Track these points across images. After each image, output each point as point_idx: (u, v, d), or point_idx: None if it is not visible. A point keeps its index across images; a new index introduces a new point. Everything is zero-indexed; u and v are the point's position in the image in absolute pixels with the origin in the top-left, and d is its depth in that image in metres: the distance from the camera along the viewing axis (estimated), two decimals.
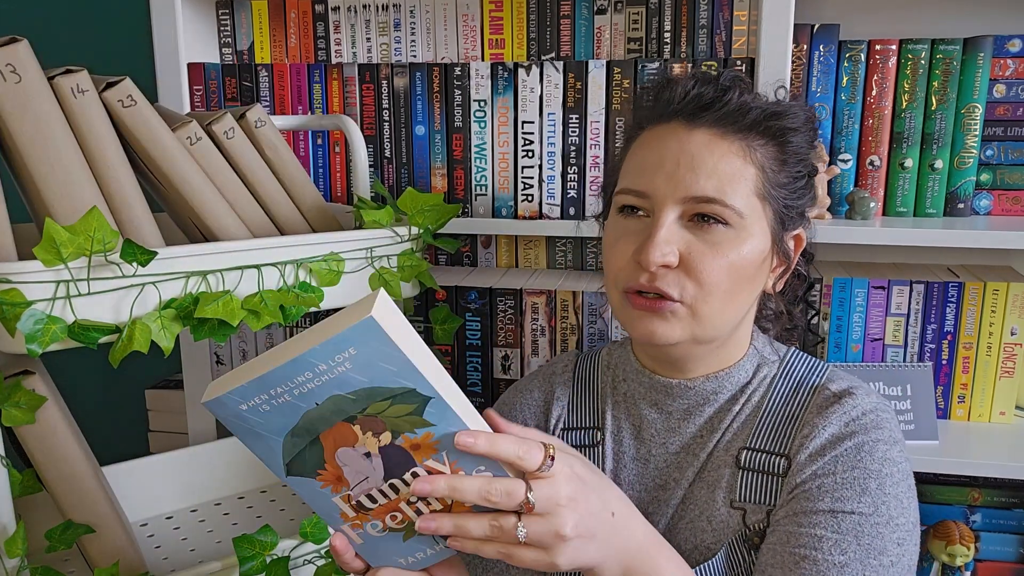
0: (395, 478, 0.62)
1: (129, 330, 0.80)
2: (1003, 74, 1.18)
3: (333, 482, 0.62)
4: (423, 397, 0.58)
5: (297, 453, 0.61)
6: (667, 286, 0.74)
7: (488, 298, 1.25)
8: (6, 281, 0.74)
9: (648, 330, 0.75)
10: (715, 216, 0.73)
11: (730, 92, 0.76)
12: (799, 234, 0.81)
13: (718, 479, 0.79)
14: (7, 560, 0.82)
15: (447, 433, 0.60)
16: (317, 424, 0.59)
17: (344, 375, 0.56)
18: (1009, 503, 1.23)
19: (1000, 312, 1.17)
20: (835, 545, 0.70)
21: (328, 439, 0.60)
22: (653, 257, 0.72)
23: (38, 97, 0.79)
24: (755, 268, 0.76)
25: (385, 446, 0.60)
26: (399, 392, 0.57)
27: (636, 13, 1.24)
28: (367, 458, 0.61)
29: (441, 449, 0.60)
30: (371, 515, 0.64)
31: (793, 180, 0.78)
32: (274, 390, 0.57)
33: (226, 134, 0.93)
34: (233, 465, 1.22)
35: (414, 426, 0.59)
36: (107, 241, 0.76)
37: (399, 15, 1.31)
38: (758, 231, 0.75)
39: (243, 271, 0.87)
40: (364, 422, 0.59)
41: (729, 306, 0.75)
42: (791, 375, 0.82)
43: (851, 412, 0.76)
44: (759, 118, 0.75)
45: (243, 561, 0.89)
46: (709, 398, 0.82)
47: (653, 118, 0.79)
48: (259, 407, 0.58)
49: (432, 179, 1.30)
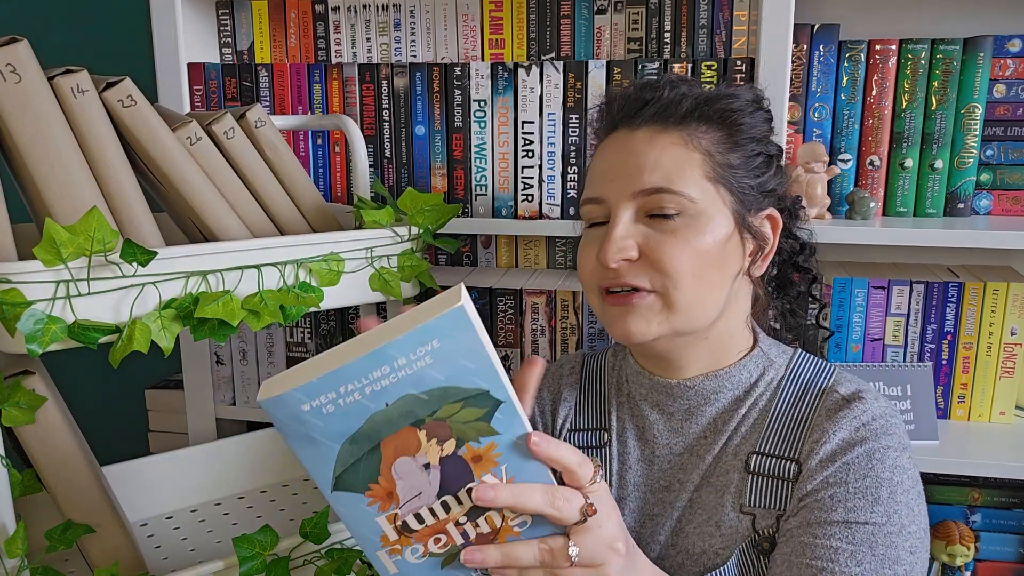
0: (449, 494, 0.60)
1: (129, 330, 0.80)
2: (1003, 74, 1.18)
3: (383, 498, 0.59)
4: (494, 401, 0.57)
5: (352, 463, 0.58)
6: (633, 278, 0.75)
7: (488, 298, 1.25)
8: (6, 281, 0.74)
9: (623, 329, 0.76)
10: (666, 206, 0.74)
11: (663, 88, 0.78)
12: (771, 214, 0.81)
13: (727, 484, 0.79)
14: (7, 560, 0.82)
15: (511, 443, 0.58)
16: (382, 429, 0.57)
17: (421, 371, 0.54)
18: (1009, 503, 1.23)
19: (1000, 312, 1.17)
20: (851, 557, 0.70)
21: (389, 447, 0.57)
22: (610, 253, 0.74)
23: (38, 97, 0.79)
24: (720, 250, 0.76)
25: (446, 456, 0.58)
26: (473, 394, 0.56)
27: (636, 13, 1.24)
28: (425, 470, 0.59)
29: (502, 462, 0.59)
30: (414, 538, 0.61)
31: (746, 159, 0.78)
32: (344, 387, 0.54)
33: (226, 134, 0.93)
34: (233, 465, 1.22)
35: (480, 433, 0.58)
36: (107, 241, 0.76)
37: (399, 15, 1.31)
38: (716, 213, 0.76)
39: (243, 271, 0.87)
40: (431, 427, 0.57)
41: (703, 291, 0.76)
42: (798, 377, 0.82)
43: (861, 417, 0.76)
44: (692, 106, 0.77)
45: (243, 561, 0.89)
46: (710, 397, 0.81)
47: (602, 133, 0.83)
48: (323, 407, 0.55)
49: (432, 179, 1.30)
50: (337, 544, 0.96)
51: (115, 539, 0.92)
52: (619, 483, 0.85)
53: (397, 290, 1.00)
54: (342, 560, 0.95)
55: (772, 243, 0.82)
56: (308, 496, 1.21)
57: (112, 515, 0.92)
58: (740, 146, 0.78)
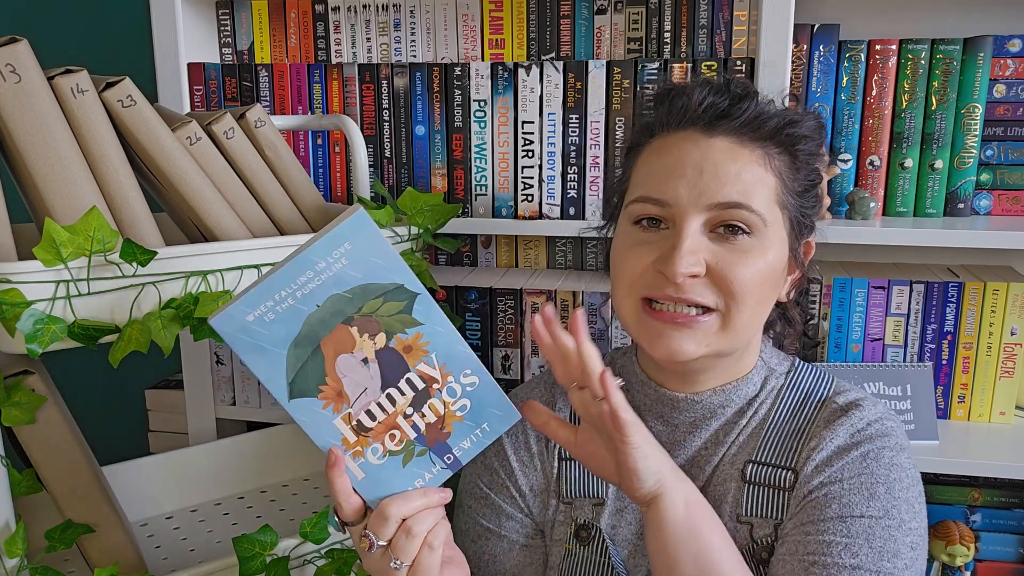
0: (392, 386, 0.68)
1: (129, 330, 0.80)
2: (1003, 74, 1.18)
3: (334, 399, 0.67)
4: (410, 293, 0.66)
5: (300, 367, 0.65)
6: (699, 295, 0.71)
7: (488, 298, 1.25)
8: (6, 281, 0.74)
9: (670, 348, 0.73)
10: (741, 222, 0.72)
11: (745, 101, 0.75)
12: (809, 241, 0.81)
13: (724, 493, 0.79)
14: (7, 560, 0.82)
15: (435, 331, 0.67)
16: (318, 329, 0.65)
17: (341, 271, 0.64)
18: (1009, 503, 1.23)
19: (1000, 312, 1.17)
20: (845, 549, 0.70)
21: (328, 346, 0.66)
22: (680, 267, 0.70)
23: (38, 97, 0.78)
24: (777, 276, 0.75)
25: (380, 349, 0.67)
26: (390, 288, 0.65)
27: (636, 13, 1.24)
28: (365, 365, 0.67)
29: (431, 350, 0.68)
30: (371, 436, 0.69)
31: (806, 189, 0.77)
32: (279, 294, 0.63)
33: (226, 134, 0.93)
34: (233, 465, 1.22)
35: (405, 325, 0.67)
36: (107, 241, 0.76)
37: (399, 15, 1.31)
38: (777, 240, 0.74)
39: (243, 271, 0.87)
40: (361, 323, 0.66)
41: (756, 315, 0.75)
42: (798, 387, 0.82)
43: (857, 424, 0.76)
44: (778, 126, 0.74)
45: (243, 561, 0.89)
46: (716, 411, 0.80)
47: (668, 125, 0.77)
48: (264, 316, 0.63)
49: (432, 179, 1.30)
50: (337, 544, 0.96)
51: (115, 539, 0.92)
52: (618, 494, 0.83)
53: None
54: (342, 560, 0.95)
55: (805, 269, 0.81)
56: (308, 496, 1.21)
57: (112, 515, 0.92)
58: (801, 173, 0.77)
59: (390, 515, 0.68)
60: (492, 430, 0.72)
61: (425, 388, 0.69)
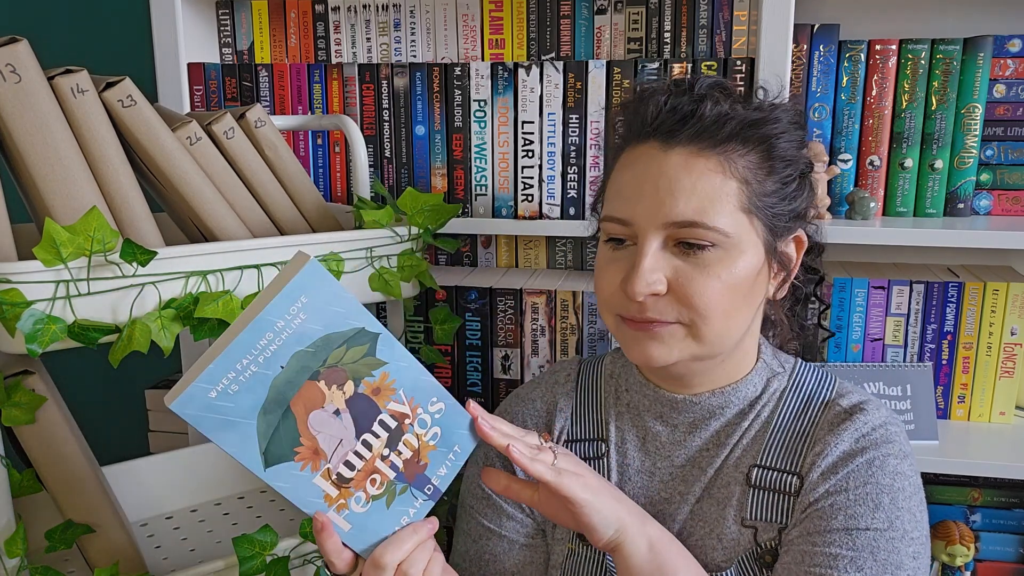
0: (366, 432, 0.66)
1: (129, 330, 0.80)
2: (1003, 74, 1.18)
3: (311, 458, 0.65)
4: (372, 335, 0.65)
5: (273, 433, 0.63)
6: (660, 314, 0.72)
7: (488, 298, 1.25)
8: (6, 281, 0.74)
9: (644, 354, 0.74)
10: (697, 240, 0.71)
11: (705, 103, 0.73)
12: (798, 236, 0.79)
13: (728, 496, 0.78)
14: (7, 560, 0.82)
15: (399, 368, 0.67)
16: (285, 391, 0.62)
17: (301, 327, 0.61)
18: (1009, 503, 1.23)
19: (1000, 312, 1.17)
20: (851, 563, 0.70)
21: (298, 405, 0.63)
22: (638, 288, 0.71)
23: (38, 97, 0.78)
24: (750, 283, 0.74)
25: (350, 398, 0.65)
26: (351, 334, 0.64)
27: (636, 13, 1.24)
28: (337, 416, 0.65)
29: (398, 387, 0.67)
30: (352, 486, 0.67)
31: (782, 185, 0.75)
32: (240, 363, 0.60)
33: (226, 134, 0.93)
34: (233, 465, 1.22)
35: (371, 368, 0.65)
36: (107, 241, 0.76)
37: (399, 15, 1.31)
38: (749, 246, 0.73)
39: (243, 271, 0.87)
40: (327, 375, 0.64)
41: (730, 324, 0.74)
42: (801, 389, 0.81)
43: (862, 428, 0.76)
44: (736, 129, 0.73)
45: (243, 561, 0.89)
46: (715, 412, 0.80)
47: (631, 137, 0.77)
48: (227, 389, 0.60)
49: (432, 179, 1.30)
50: None
51: (115, 539, 0.92)
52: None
53: (397, 290, 1.00)
54: None
55: (795, 264, 0.80)
56: None
57: (112, 515, 0.92)
58: (776, 172, 0.75)
59: (386, 564, 0.67)
60: (463, 450, 0.72)
61: (398, 425, 0.68)
